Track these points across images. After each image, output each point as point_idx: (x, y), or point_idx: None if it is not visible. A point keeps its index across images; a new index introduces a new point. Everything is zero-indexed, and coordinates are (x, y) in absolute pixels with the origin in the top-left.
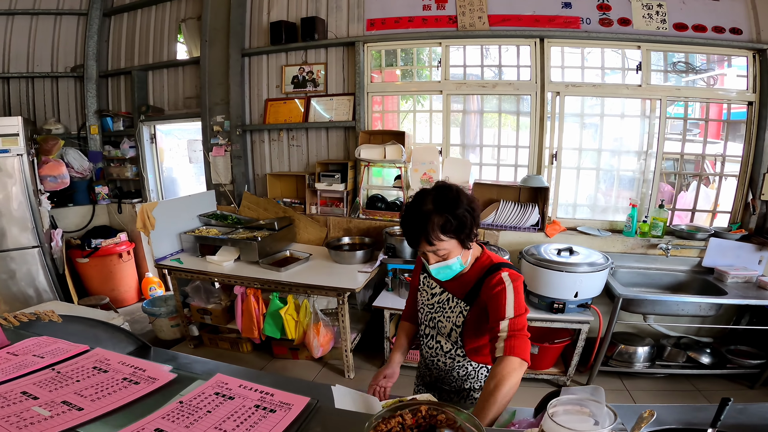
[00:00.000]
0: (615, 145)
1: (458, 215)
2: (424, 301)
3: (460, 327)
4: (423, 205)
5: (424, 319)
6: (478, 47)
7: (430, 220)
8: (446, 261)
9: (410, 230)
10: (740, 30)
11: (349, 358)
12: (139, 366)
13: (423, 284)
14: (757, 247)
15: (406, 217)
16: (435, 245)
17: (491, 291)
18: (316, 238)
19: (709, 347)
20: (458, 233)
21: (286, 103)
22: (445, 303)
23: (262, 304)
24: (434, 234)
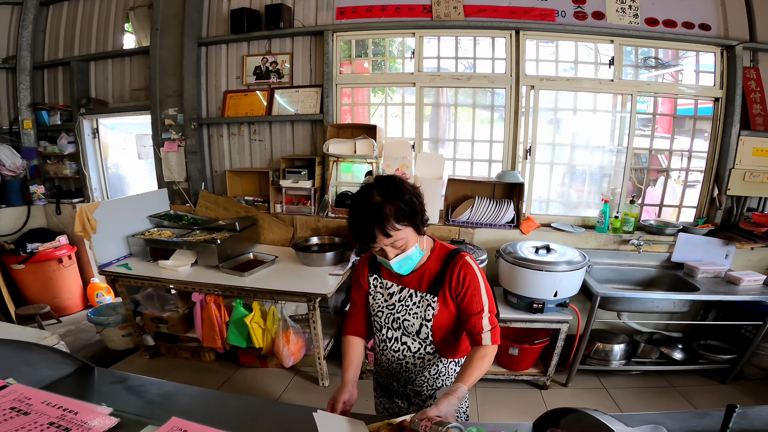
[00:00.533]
0: (587, 141)
1: (407, 201)
2: (381, 304)
3: (430, 320)
4: (370, 198)
5: (383, 323)
6: (452, 38)
7: (382, 211)
8: (406, 251)
9: (362, 225)
10: (709, 26)
11: (323, 365)
12: (69, 407)
13: (375, 287)
14: (724, 241)
15: (354, 213)
16: (392, 236)
17: (463, 282)
18: (282, 239)
19: (681, 342)
20: (412, 219)
21: (247, 96)
22: (408, 300)
23: (224, 311)
24: (389, 224)
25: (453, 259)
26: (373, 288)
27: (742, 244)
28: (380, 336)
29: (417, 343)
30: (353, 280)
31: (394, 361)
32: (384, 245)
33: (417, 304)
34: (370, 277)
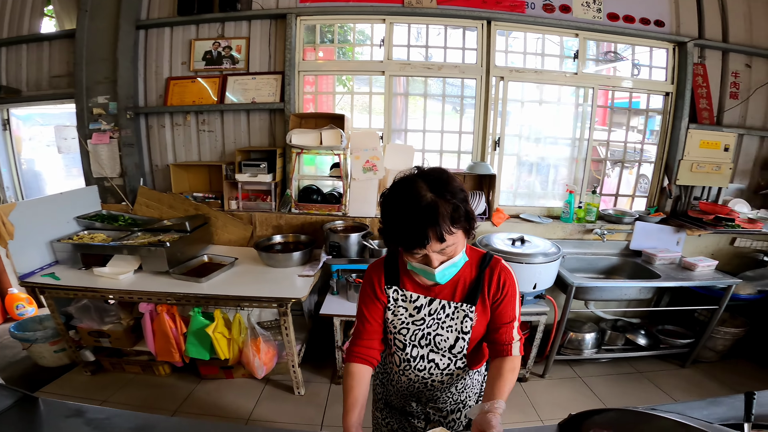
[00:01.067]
0: (551, 132)
1: (463, 200)
2: (405, 319)
3: (468, 333)
4: (420, 195)
5: (408, 341)
6: (423, 26)
7: (438, 211)
8: (453, 259)
9: (412, 227)
10: (663, 22)
11: (297, 373)
12: None
13: (395, 300)
14: (675, 228)
15: (398, 212)
16: (447, 241)
17: (502, 288)
18: (239, 238)
19: (642, 328)
20: (467, 220)
21: (194, 83)
22: (440, 312)
23: (180, 322)
24: (446, 227)
25: (489, 263)
26: (394, 302)
27: (692, 231)
28: (402, 355)
29: (447, 359)
30: (362, 293)
31: (418, 381)
32: (433, 251)
33: (451, 316)
34: (389, 290)
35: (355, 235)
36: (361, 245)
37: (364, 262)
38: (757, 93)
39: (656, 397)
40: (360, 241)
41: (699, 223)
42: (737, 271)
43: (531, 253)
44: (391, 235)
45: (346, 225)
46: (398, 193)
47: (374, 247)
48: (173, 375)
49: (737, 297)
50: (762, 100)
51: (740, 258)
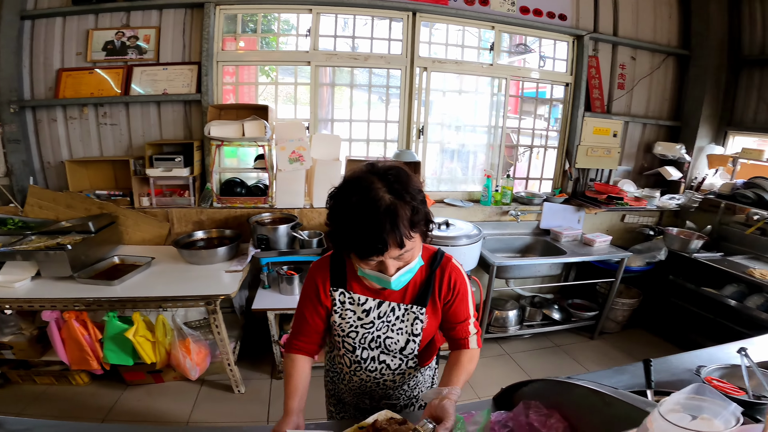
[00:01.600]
0: (470, 120)
1: (421, 201)
2: (354, 323)
3: (419, 335)
4: (377, 196)
5: (358, 344)
6: (351, 17)
7: (398, 214)
8: (409, 264)
9: (368, 233)
10: (566, 16)
11: (234, 372)
12: None
13: (342, 303)
14: (576, 208)
15: (351, 215)
16: (406, 246)
17: (453, 289)
18: (155, 237)
19: (556, 303)
20: (426, 224)
21: (93, 74)
22: (390, 314)
23: (93, 328)
24: (406, 232)
25: (440, 263)
26: (340, 304)
27: (589, 209)
28: (352, 357)
29: (398, 360)
30: (303, 293)
31: (370, 381)
32: (391, 257)
33: (401, 318)
34: (335, 292)
35: (283, 227)
36: (290, 237)
37: (295, 253)
38: (640, 84)
39: (573, 367)
40: (289, 233)
41: (595, 202)
42: (628, 245)
43: (456, 236)
44: (343, 241)
45: (274, 217)
46: (352, 194)
47: (304, 238)
48: (94, 383)
49: (630, 269)
50: (644, 90)
51: (630, 233)
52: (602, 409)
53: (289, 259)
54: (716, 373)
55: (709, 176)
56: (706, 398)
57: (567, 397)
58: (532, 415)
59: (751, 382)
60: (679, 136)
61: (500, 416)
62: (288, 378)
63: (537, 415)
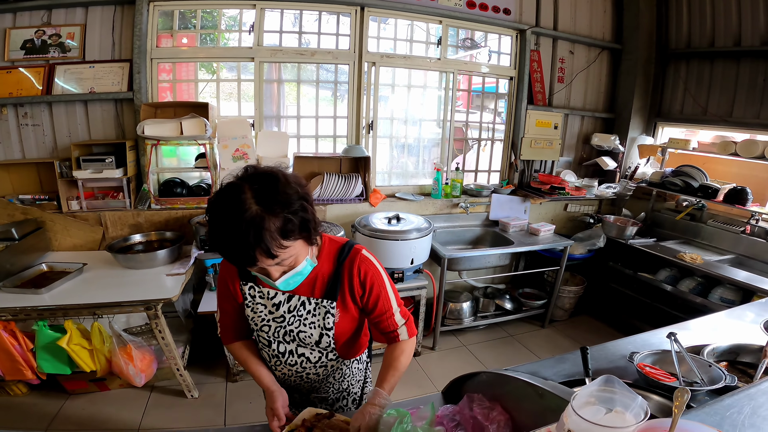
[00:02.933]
0: (420, 114)
1: (297, 210)
2: (265, 316)
3: (331, 329)
4: (244, 208)
5: (272, 338)
6: (296, 12)
7: (263, 227)
8: (295, 268)
9: (235, 246)
10: (510, 10)
11: (185, 377)
12: None
13: (252, 297)
14: (522, 198)
15: (220, 228)
16: (278, 255)
17: (364, 284)
18: (88, 242)
19: (507, 293)
20: (304, 230)
21: (11, 73)
22: (301, 309)
23: (23, 338)
24: (275, 243)
25: (348, 255)
26: (251, 299)
27: (534, 200)
28: (269, 351)
29: (317, 353)
30: (219, 286)
31: (292, 374)
32: (267, 266)
33: (312, 312)
34: (244, 287)
35: None
36: None
37: None
38: (578, 77)
39: (526, 356)
40: None
41: (539, 192)
42: (571, 233)
43: (406, 230)
44: (218, 251)
45: None
46: (222, 201)
47: None
48: (33, 393)
49: (573, 257)
50: (581, 83)
51: (573, 221)
52: (537, 400)
53: None
54: (648, 359)
55: (642, 165)
56: (616, 390)
57: (506, 389)
58: (475, 408)
59: (682, 367)
60: (614, 127)
61: (447, 410)
62: (246, 362)
63: (480, 408)
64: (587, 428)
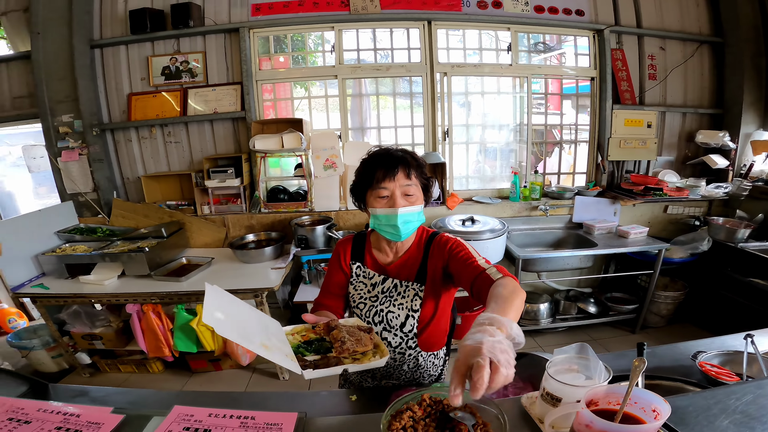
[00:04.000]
0: (494, 120)
1: (422, 165)
2: (363, 295)
3: (417, 311)
4: (392, 149)
5: (364, 316)
6: (370, 30)
7: (406, 158)
8: (414, 206)
9: (383, 162)
10: (583, 12)
11: None
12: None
13: (357, 276)
14: (611, 201)
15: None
16: (411, 180)
17: (446, 248)
18: (214, 240)
19: (592, 297)
20: (426, 180)
21: (156, 97)
22: (392, 290)
23: (166, 319)
24: (412, 169)
25: (432, 240)
26: (356, 277)
27: (625, 202)
28: None
29: (399, 338)
30: (330, 263)
31: None
32: (399, 187)
33: (402, 294)
34: (353, 265)
35: (320, 228)
36: (326, 236)
37: (331, 251)
38: (673, 73)
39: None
40: (325, 233)
41: (631, 194)
42: (672, 236)
43: (480, 231)
44: (364, 176)
45: (312, 219)
46: (374, 150)
47: (338, 237)
48: (166, 371)
49: (671, 261)
50: (679, 79)
51: (674, 224)
52: None
53: (326, 257)
54: (716, 360)
55: (758, 163)
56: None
57: (537, 369)
58: (510, 388)
59: (751, 368)
60: (722, 123)
61: None
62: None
63: (513, 387)
64: (558, 388)
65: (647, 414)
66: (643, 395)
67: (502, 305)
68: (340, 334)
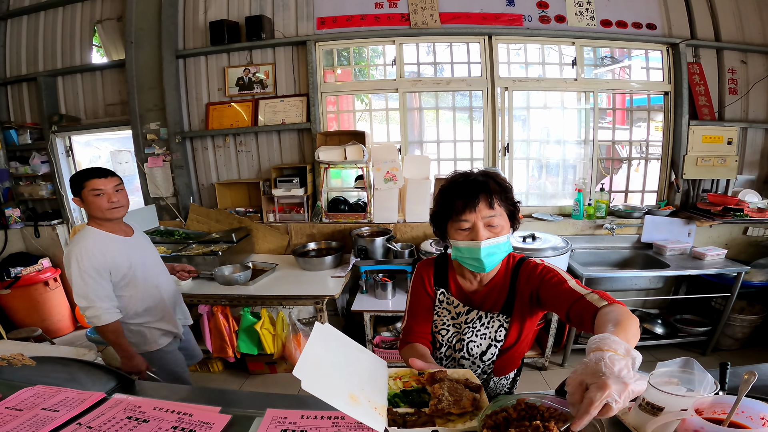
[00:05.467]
0: (557, 136)
1: (507, 190)
2: (447, 321)
3: (501, 341)
4: (473, 174)
5: (444, 341)
6: (430, 44)
7: (488, 184)
8: (498, 237)
9: (465, 191)
10: (655, 25)
11: None
12: (181, 410)
13: (441, 303)
14: (685, 221)
15: (452, 183)
16: (494, 210)
17: (535, 274)
18: (278, 247)
19: (659, 318)
20: (512, 205)
21: (230, 107)
22: (476, 322)
23: (232, 321)
24: (495, 197)
25: (520, 267)
26: (439, 303)
27: (701, 222)
28: (436, 354)
29: (476, 366)
30: (414, 286)
31: None
32: (481, 218)
33: (487, 325)
34: (437, 290)
35: (379, 239)
36: (385, 248)
37: (389, 262)
38: (756, 87)
39: None
40: (384, 244)
41: (708, 214)
42: (751, 259)
43: (541, 248)
44: (443, 206)
45: (372, 230)
46: (454, 176)
47: (397, 249)
48: (225, 371)
49: (750, 284)
50: (762, 94)
51: (754, 246)
52: None
53: (384, 268)
54: None
55: None
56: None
57: None
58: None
59: None
60: None
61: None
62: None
63: None
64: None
65: (754, 422)
66: (750, 404)
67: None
68: (440, 391)
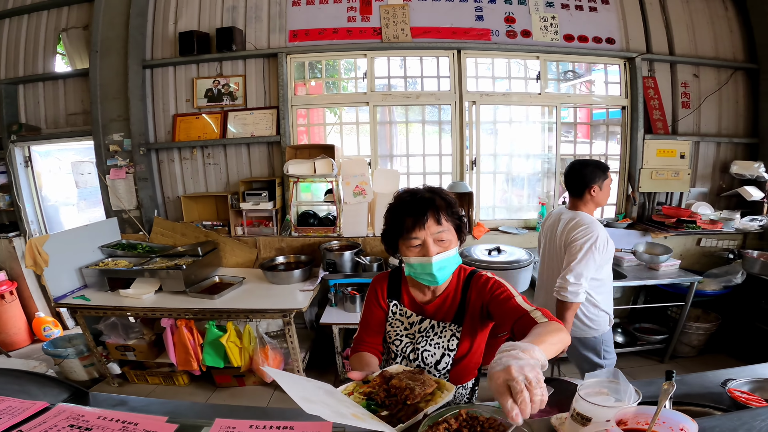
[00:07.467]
0: (522, 149)
1: (453, 204)
2: (400, 332)
3: (454, 350)
4: (419, 191)
5: (399, 352)
6: (402, 58)
7: (435, 201)
8: (448, 251)
9: (412, 208)
10: (614, 40)
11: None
12: (126, 419)
13: (394, 314)
14: (641, 233)
15: (400, 201)
16: (442, 225)
17: (485, 289)
18: (246, 261)
19: (620, 327)
20: (458, 219)
21: (198, 119)
22: (429, 331)
23: (197, 334)
24: (442, 213)
25: (471, 279)
26: (392, 315)
27: (656, 234)
28: (391, 364)
29: (432, 375)
30: (368, 299)
31: None
32: (430, 234)
33: (439, 334)
34: (390, 303)
35: (348, 253)
36: (354, 261)
37: (358, 276)
38: (707, 101)
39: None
40: (353, 258)
41: (662, 226)
42: (705, 269)
43: (506, 261)
44: (393, 225)
45: (341, 244)
46: (401, 194)
47: (366, 263)
48: (191, 384)
49: (704, 293)
50: (713, 107)
51: (707, 257)
52: None
53: (352, 281)
54: (746, 387)
55: None
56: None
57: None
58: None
59: None
60: (758, 153)
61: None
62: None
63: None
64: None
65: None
66: (672, 415)
67: (534, 338)
68: (403, 382)
